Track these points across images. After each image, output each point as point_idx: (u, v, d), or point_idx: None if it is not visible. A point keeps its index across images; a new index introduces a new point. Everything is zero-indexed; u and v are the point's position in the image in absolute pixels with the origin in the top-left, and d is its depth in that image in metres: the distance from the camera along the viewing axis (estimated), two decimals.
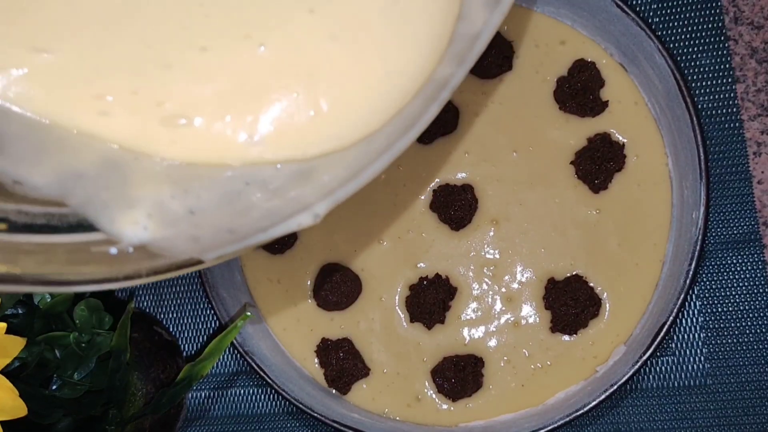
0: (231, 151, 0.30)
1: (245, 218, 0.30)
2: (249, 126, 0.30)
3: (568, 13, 0.57)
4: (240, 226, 0.30)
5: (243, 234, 0.30)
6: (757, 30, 0.60)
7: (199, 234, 0.30)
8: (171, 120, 0.29)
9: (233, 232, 0.30)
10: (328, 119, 0.31)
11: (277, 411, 0.63)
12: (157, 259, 0.30)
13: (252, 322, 0.58)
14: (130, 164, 0.30)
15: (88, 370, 0.49)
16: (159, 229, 0.30)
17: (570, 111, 0.57)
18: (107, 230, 0.30)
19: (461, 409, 0.57)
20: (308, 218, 0.30)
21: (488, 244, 0.58)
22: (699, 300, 0.59)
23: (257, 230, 0.30)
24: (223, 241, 0.30)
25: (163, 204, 0.30)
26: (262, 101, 0.30)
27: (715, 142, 0.59)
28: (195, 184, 0.30)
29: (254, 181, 0.30)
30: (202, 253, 0.30)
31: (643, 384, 0.59)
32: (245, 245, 0.30)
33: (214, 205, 0.30)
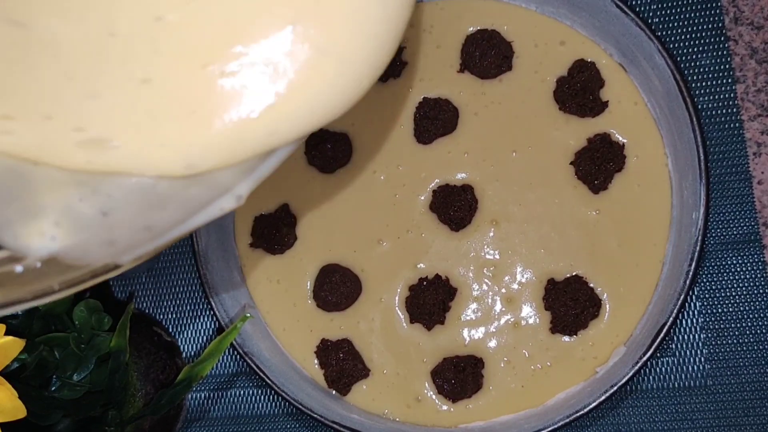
0: (152, 165, 0.27)
1: (163, 212, 0.28)
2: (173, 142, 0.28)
3: (567, 13, 0.57)
4: (157, 222, 0.28)
5: (161, 229, 0.29)
6: (757, 30, 0.60)
7: (114, 236, 0.28)
8: (89, 143, 0.27)
9: (151, 228, 0.29)
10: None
11: (276, 412, 0.63)
12: (69, 270, 0.28)
13: (252, 322, 0.58)
14: (31, 171, 0.27)
15: (88, 371, 0.49)
16: (69, 237, 0.27)
17: (570, 111, 0.57)
18: (11, 246, 0.27)
19: (461, 409, 0.57)
20: (230, 201, 0.29)
21: (488, 244, 0.58)
22: (699, 301, 0.59)
23: (176, 223, 0.29)
24: (140, 240, 0.29)
25: (71, 208, 0.27)
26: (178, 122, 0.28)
27: (715, 142, 0.59)
28: (104, 182, 0.27)
29: None
30: (118, 257, 0.29)
31: (643, 385, 0.59)
32: (164, 241, 0.29)
33: (127, 203, 0.27)
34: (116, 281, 0.65)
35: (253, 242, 0.60)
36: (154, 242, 0.29)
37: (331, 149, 0.59)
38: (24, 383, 0.46)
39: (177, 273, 0.65)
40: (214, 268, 0.58)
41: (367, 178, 0.59)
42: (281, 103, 0.27)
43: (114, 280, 0.65)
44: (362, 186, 0.59)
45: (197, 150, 0.27)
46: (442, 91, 0.59)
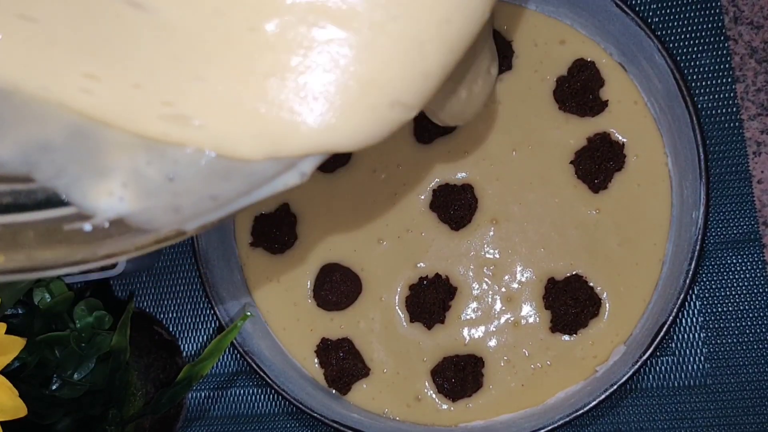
0: (231, 150, 0.28)
1: (228, 182, 0.28)
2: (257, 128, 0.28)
3: (567, 12, 0.57)
4: (223, 191, 0.29)
5: (226, 199, 0.29)
6: (757, 30, 0.60)
7: (180, 203, 0.28)
8: (173, 118, 0.28)
9: (216, 198, 0.28)
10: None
11: (276, 411, 0.63)
12: (137, 233, 0.28)
13: (252, 321, 0.58)
14: (101, 132, 0.28)
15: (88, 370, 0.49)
16: (136, 200, 0.28)
17: (570, 110, 0.57)
18: (80, 204, 0.28)
19: (461, 409, 0.57)
20: (294, 177, 0.29)
21: (488, 243, 0.58)
22: (699, 300, 0.59)
23: (240, 194, 0.29)
24: (205, 208, 0.29)
25: (139, 171, 0.28)
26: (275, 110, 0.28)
27: (714, 141, 0.59)
28: (172, 149, 0.28)
29: None
30: (184, 224, 0.29)
31: (643, 384, 0.59)
32: (229, 211, 0.29)
33: (194, 170, 0.28)
34: (116, 281, 0.65)
35: (253, 242, 0.60)
36: (219, 211, 0.29)
37: None
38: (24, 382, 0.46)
39: (177, 272, 0.65)
40: (215, 267, 0.58)
41: (367, 177, 0.59)
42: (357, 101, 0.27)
43: (114, 280, 0.65)
44: (362, 185, 0.59)
45: (280, 143, 0.27)
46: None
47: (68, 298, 0.49)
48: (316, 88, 0.27)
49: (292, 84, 0.27)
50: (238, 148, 0.28)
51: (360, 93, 0.27)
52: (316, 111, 0.27)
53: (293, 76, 0.27)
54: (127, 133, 0.28)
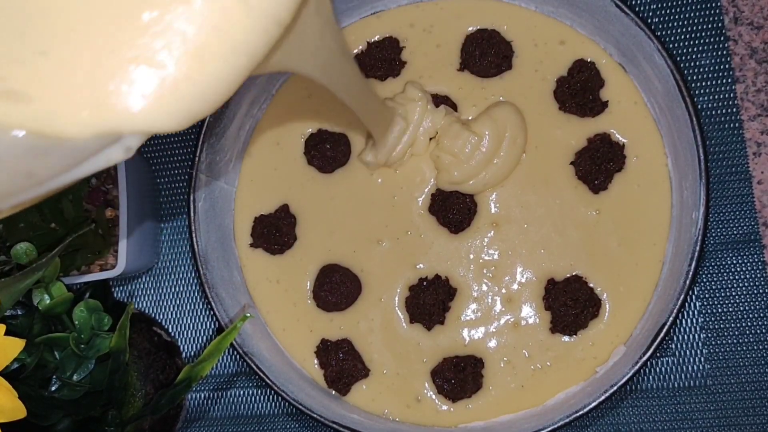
0: (60, 127, 0.27)
1: (47, 158, 0.27)
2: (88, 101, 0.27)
3: (567, 12, 0.57)
4: (41, 169, 0.27)
5: (44, 177, 0.27)
6: (757, 30, 0.60)
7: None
8: (5, 94, 0.26)
9: (32, 175, 0.27)
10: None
11: (276, 412, 0.63)
12: None
13: (251, 322, 0.58)
14: None
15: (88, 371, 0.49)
16: None
17: (570, 111, 0.57)
18: None
19: (461, 409, 0.57)
20: (119, 152, 0.27)
21: (488, 245, 0.58)
22: (699, 300, 0.59)
23: (60, 171, 0.27)
24: (20, 186, 0.27)
25: None
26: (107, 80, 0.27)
27: (714, 142, 0.59)
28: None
29: None
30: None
31: (643, 385, 0.59)
32: (46, 189, 0.28)
33: (10, 147, 0.26)
34: (116, 282, 0.65)
35: (253, 242, 0.60)
36: (36, 190, 0.28)
37: (331, 149, 0.59)
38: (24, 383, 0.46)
39: (177, 273, 0.65)
40: (214, 268, 0.58)
41: (365, 179, 0.59)
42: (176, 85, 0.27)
43: (113, 281, 0.65)
44: (361, 186, 0.59)
45: (112, 120, 0.26)
46: (442, 87, 0.59)
47: (67, 300, 0.49)
48: (148, 72, 0.26)
49: (126, 64, 0.26)
50: (67, 127, 0.26)
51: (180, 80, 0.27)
52: (146, 91, 0.26)
53: (131, 57, 0.26)
54: None
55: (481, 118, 0.56)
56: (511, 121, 0.56)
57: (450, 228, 0.58)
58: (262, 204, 0.61)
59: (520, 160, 0.57)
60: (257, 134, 0.61)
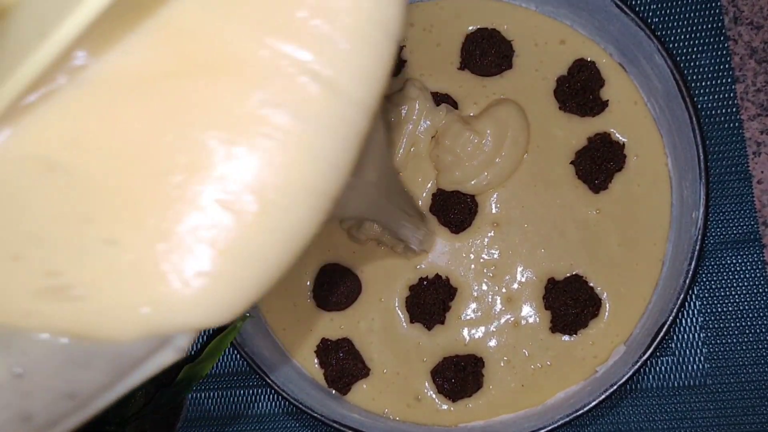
0: (110, 328, 0.23)
1: (88, 372, 0.23)
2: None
3: (567, 12, 0.57)
4: (82, 386, 0.23)
5: (87, 395, 0.23)
6: (757, 30, 0.60)
7: (31, 407, 0.23)
8: (49, 292, 0.23)
9: (74, 396, 0.23)
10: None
11: (277, 411, 0.63)
12: None
13: (252, 322, 0.58)
14: None
15: None
16: None
17: (570, 110, 0.57)
18: None
19: (461, 409, 0.57)
20: (169, 355, 0.24)
21: (488, 245, 0.58)
22: (699, 300, 0.59)
23: (105, 386, 0.23)
24: (61, 411, 0.23)
25: None
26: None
27: (714, 142, 0.59)
28: (20, 336, 0.23)
29: None
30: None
31: (642, 384, 0.59)
32: (91, 412, 0.24)
33: (48, 361, 0.23)
34: None
35: None
36: (79, 414, 0.23)
37: None
38: None
39: None
40: None
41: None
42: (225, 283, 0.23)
43: None
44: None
45: (164, 317, 0.23)
46: (443, 86, 0.59)
47: None
48: (197, 262, 0.23)
49: (182, 253, 0.23)
50: (116, 327, 0.23)
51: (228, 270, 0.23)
52: (197, 284, 0.23)
53: (186, 245, 0.23)
54: None
55: (482, 116, 0.56)
56: (513, 120, 0.56)
57: (451, 228, 0.58)
58: None
59: (522, 159, 0.57)
60: None
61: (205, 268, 0.23)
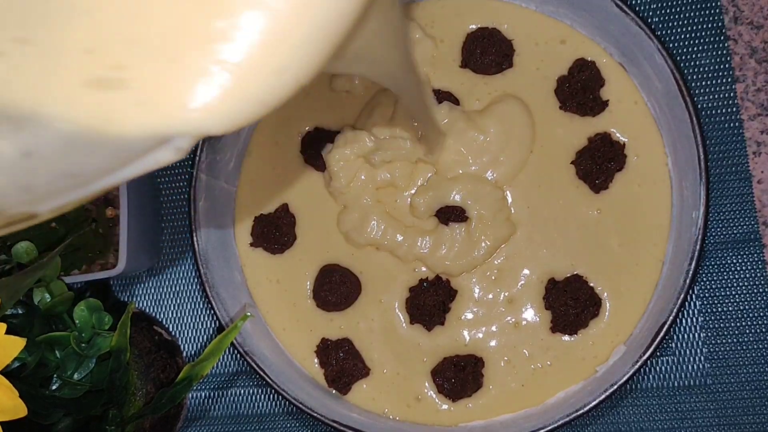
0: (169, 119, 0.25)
1: (91, 157, 0.25)
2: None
3: (567, 12, 0.57)
4: (84, 168, 0.25)
5: (87, 177, 0.25)
6: (757, 30, 0.60)
7: (33, 181, 0.25)
8: (104, 83, 0.24)
9: (75, 176, 0.25)
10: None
11: (277, 411, 0.63)
12: None
13: (252, 322, 0.58)
14: None
15: (88, 370, 0.49)
16: None
17: (570, 110, 0.57)
18: None
19: (461, 409, 0.57)
20: (169, 154, 0.25)
21: None
22: (699, 300, 0.59)
23: (104, 172, 0.25)
24: (61, 187, 0.25)
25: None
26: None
27: (714, 141, 0.59)
28: (31, 121, 0.24)
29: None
30: (35, 205, 0.25)
31: (643, 384, 0.59)
32: (88, 192, 0.26)
33: (54, 145, 0.24)
34: (116, 281, 0.65)
35: (253, 242, 0.60)
36: (77, 192, 0.25)
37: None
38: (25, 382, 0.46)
39: (177, 273, 0.65)
40: (214, 267, 0.58)
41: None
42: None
43: (114, 280, 0.65)
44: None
45: (170, 119, 0.24)
46: (444, 83, 0.59)
47: (68, 299, 0.49)
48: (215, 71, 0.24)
49: (196, 59, 0.24)
50: (125, 122, 0.24)
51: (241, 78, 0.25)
52: (211, 90, 0.24)
53: (199, 52, 0.24)
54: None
55: (486, 113, 0.56)
56: (518, 118, 0.56)
57: None
58: (262, 203, 0.61)
59: (528, 158, 0.57)
60: (257, 134, 0.61)
61: (221, 80, 0.24)
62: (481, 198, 0.56)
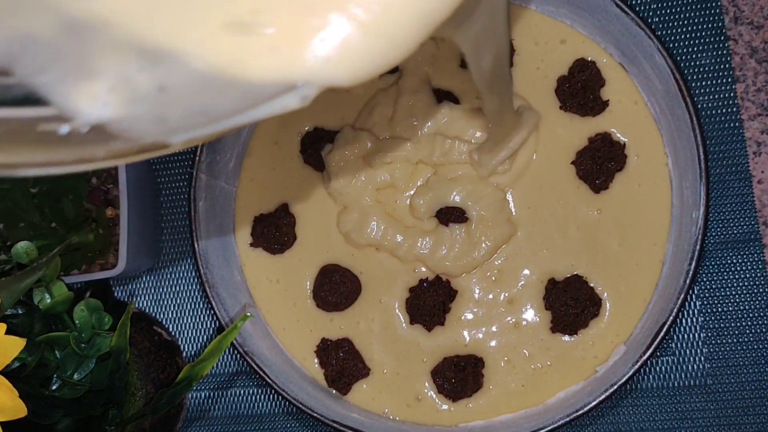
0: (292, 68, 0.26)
1: (222, 97, 0.27)
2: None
3: (567, 12, 0.57)
4: (215, 106, 0.27)
5: (217, 115, 0.27)
6: (757, 30, 0.60)
7: (167, 113, 0.26)
8: (240, 27, 0.26)
9: (207, 113, 0.27)
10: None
11: (277, 411, 0.63)
12: (115, 141, 0.26)
13: (252, 322, 0.58)
14: (97, 32, 0.25)
15: (88, 370, 0.49)
16: (121, 107, 0.26)
17: (570, 110, 0.57)
18: (60, 105, 0.26)
19: (461, 409, 0.57)
20: (295, 100, 0.27)
21: None
22: (699, 300, 0.59)
23: (234, 111, 0.27)
24: (194, 122, 0.27)
25: (129, 78, 0.26)
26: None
27: (715, 141, 0.59)
28: (168, 57, 0.26)
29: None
30: (169, 136, 0.27)
31: (643, 384, 0.59)
32: (218, 129, 0.27)
33: (187, 83, 0.26)
34: (116, 281, 0.65)
35: (253, 242, 0.60)
36: (209, 128, 0.27)
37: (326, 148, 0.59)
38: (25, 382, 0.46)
39: (177, 272, 0.65)
40: (214, 267, 0.58)
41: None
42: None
43: (114, 280, 0.65)
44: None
45: (297, 68, 0.26)
46: (444, 83, 0.59)
47: (68, 299, 0.49)
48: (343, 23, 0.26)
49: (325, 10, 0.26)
50: (254, 68, 0.26)
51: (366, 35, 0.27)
52: (337, 41, 0.26)
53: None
54: (120, 32, 0.25)
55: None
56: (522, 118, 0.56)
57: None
58: (262, 203, 0.61)
59: (532, 159, 0.57)
60: (257, 134, 0.61)
61: (351, 33, 0.26)
62: (482, 199, 0.56)
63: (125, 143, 0.27)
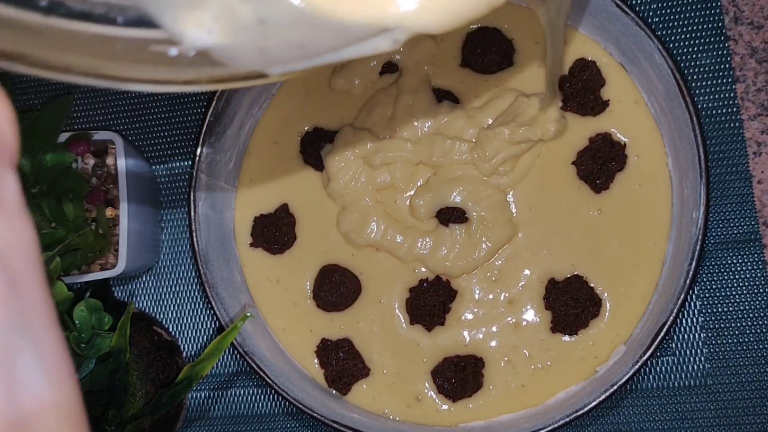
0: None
1: (318, 34, 0.29)
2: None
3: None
4: (311, 42, 0.29)
5: (314, 51, 0.29)
6: (757, 30, 0.60)
7: (267, 46, 0.29)
8: None
9: (303, 47, 0.29)
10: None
11: (277, 411, 0.63)
12: (219, 67, 0.29)
13: (252, 322, 0.58)
14: None
15: (88, 370, 0.49)
16: (225, 35, 0.28)
17: (571, 110, 0.57)
18: (170, 29, 0.28)
19: (461, 409, 0.57)
20: (386, 43, 0.29)
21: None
22: (699, 300, 0.59)
23: (329, 48, 0.29)
24: (292, 55, 0.29)
25: (233, 8, 0.28)
26: None
27: (715, 141, 0.59)
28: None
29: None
30: (268, 67, 0.29)
31: (643, 384, 0.59)
32: (314, 63, 0.29)
33: (287, 17, 0.28)
34: (116, 281, 0.65)
35: (253, 242, 0.60)
36: (305, 62, 0.29)
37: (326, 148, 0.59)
38: None
39: (177, 273, 0.65)
40: (214, 267, 0.58)
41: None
42: None
43: (114, 281, 0.65)
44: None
45: (388, 13, 0.28)
46: (444, 82, 0.59)
47: (68, 299, 0.49)
48: None
49: None
50: (344, 9, 0.28)
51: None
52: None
53: None
54: None
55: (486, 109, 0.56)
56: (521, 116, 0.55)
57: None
58: (262, 203, 0.61)
59: (535, 160, 0.57)
60: (257, 134, 0.61)
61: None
62: (483, 200, 0.56)
63: (228, 70, 0.29)
